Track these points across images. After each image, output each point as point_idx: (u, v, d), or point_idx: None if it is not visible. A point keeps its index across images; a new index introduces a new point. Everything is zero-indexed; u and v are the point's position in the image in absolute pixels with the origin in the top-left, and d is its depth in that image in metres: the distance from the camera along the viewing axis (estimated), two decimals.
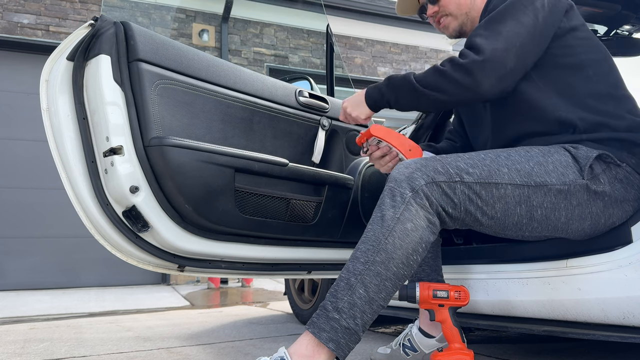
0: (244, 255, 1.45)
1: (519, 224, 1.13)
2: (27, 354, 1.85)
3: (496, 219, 1.11)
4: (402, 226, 1.04)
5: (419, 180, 1.07)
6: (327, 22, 2.19)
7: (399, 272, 1.05)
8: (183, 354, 1.81)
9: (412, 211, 1.05)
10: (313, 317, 1.05)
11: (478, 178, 1.09)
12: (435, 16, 1.42)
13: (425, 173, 1.07)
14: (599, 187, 1.13)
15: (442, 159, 1.12)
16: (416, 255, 1.06)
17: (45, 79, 1.25)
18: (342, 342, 1.01)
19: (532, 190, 1.10)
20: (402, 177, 1.08)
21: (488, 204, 1.09)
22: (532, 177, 1.11)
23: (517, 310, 1.36)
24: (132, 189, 1.21)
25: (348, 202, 1.67)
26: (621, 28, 1.97)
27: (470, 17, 1.39)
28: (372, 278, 1.03)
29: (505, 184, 1.09)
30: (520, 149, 1.18)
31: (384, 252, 1.04)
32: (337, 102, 1.75)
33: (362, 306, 1.02)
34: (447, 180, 1.07)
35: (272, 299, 3.96)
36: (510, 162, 1.12)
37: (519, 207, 1.10)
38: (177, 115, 1.29)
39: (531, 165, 1.12)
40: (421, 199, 1.06)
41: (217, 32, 5.98)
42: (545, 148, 1.18)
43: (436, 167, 1.09)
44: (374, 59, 6.95)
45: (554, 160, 1.14)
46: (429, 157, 1.14)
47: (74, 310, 3.46)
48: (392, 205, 1.07)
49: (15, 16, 5.18)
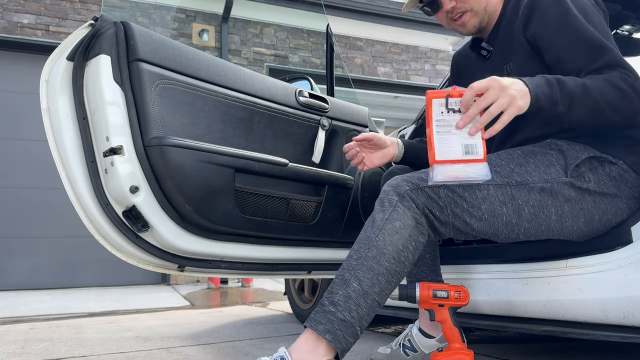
0: (244, 255, 1.45)
1: (509, 224, 1.13)
2: (27, 354, 1.85)
3: (485, 220, 1.12)
4: (391, 225, 1.09)
5: (403, 187, 1.12)
6: (327, 22, 2.19)
7: (391, 267, 1.07)
8: (183, 354, 1.81)
9: (399, 212, 1.10)
10: (312, 314, 1.07)
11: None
12: (453, 11, 1.32)
13: (410, 182, 1.13)
14: (583, 184, 1.14)
15: (425, 171, 1.16)
16: (407, 252, 1.09)
17: (45, 79, 1.25)
18: (339, 335, 1.03)
19: (515, 189, 1.12)
20: (389, 187, 1.14)
21: (473, 205, 1.11)
22: (513, 177, 1.13)
23: (517, 310, 1.36)
24: (132, 189, 1.21)
25: (348, 202, 1.67)
26: (621, 28, 1.97)
27: (488, 12, 1.33)
28: (365, 272, 1.06)
29: (487, 185, 1.11)
30: (502, 152, 1.20)
31: (375, 248, 1.08)
32: (337, 102, 1.75)
33: (357, 299, 1.04)
34: (431, 185, 1.10)
35: (272, 299, 3.96)
36: (490, 165, 1.13)
37: (504, 206, 1.11)
38: (177, 115, 1.29)
39: (511, 167, 1.15)
40: (407, 201, 1.10)
41: (217, 32, 5.98)
42: (528, 148, 1.20)
43: (420, 176, 1.14)
44: (374, 59, 6.95)
45: (535, 160, 1.16)
46: (414, 172, 1.18)
47: (74, 310, 3.46)
48: (381, 210, 1.12)
49: (15, 16, 5.18)
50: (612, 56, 1.14)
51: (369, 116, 1.88)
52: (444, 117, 1.01)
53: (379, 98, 7.34)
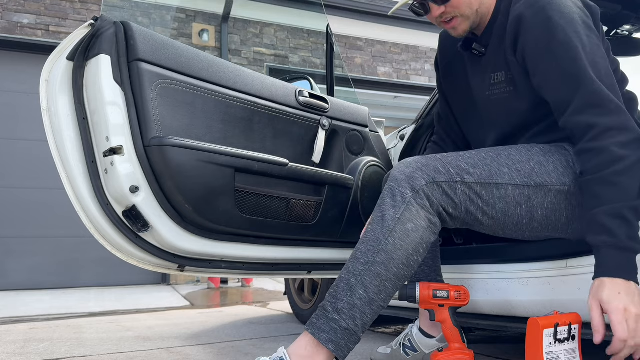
0: (244, 255, 1.45)
1: (520, 224, 1.12)
2: (27, 354, 1.85)
3: (497, 219, 1.11)
4: (402, 226, 1.03)
5: (419, 180, 1.05)
6: (327, 22, 2.19)
7: (399, 272, 1.04)
8: (183, 354, 1.81)
9: (412, 211, 1.04)
10: (312, 318, 1.04)
11: (479, 178, 1.08)
12: (442, 16, 1.24)
13: (426, 173, 1.06)
14: None
15: (443, 158, 1.10)
16: (417, 255, 1.06)
17: (45, 79, 1.25)
18: (342, 344, 1.01)
19: (533, 191, 1.10)
20: (403, 176, 1.07)
21: (489, 204, 1.09)
22: (533, 177, 1.10)
23: (517, 310, 1.36)
24: (132, 189, 1.21)
25: (348, 202, 1.67)
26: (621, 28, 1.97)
27: (480, 14, 1.26)
28: (373, 279, 1.02)
29: (505, 185, 1.09)
30: (522, 147, 1.17)
31: (384, 252, 1.03)
32: (337, 102, 1.75)
33: (362, 307, 1.01)
34: (448, 180, 1.06)
35: (272, 299, 3.96)
36: (511, 161, 1.11)
37: (519, 207, 1.10)
38: (177, 115, 1.29)
39: (532, 165, 1.11)
40: (422, 199, 1.04)
41: (217, 32, 5.98)
42: (546, 147, 1.17)
43: (437, 166, 1.07)
44: (374, 59, 6.95)
45: (554, 160, 1.13)
46: (429, 156, 1.12)
47: (74, 310, 3.45)
48: (392, 205, 1.05)
49: (15, 16, 5.18)
50: (587, 92, 1.04)
51: (369, 116, 1.88)
52: (552, 348, 0.97)
53: (379, 98, 7.33)
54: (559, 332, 0.97)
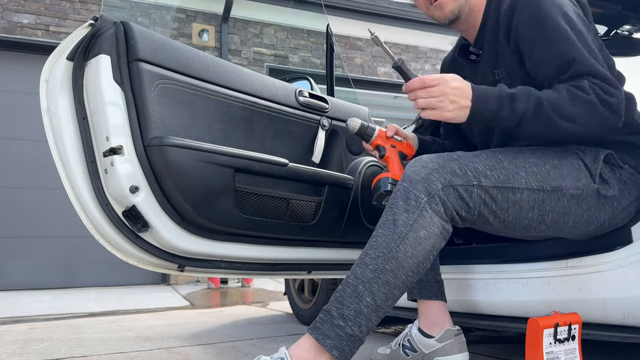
0: (244, 255, 1.45)
1: (529, 227, 1.12)
2: (27, 354, 1.85)
3: (507, 223, 1.10)
4: (415, 234, 1.00)
5: (435, 184, 1.02)
6: (327, 22, 2.19)
7: (407, 280, 1.02)
8: (183, 354, 1.81)
9: (426, 218, 1.01)
10: (317, 322, 1.03)
11: (496, 182, 1.07)
12: None
13: (443, 175, 1.03)
14: (608, 192, 1.12)
15: (460, 159, 1.08)
16: (426, 262, 1.04)
17: (45, 79, 1.25)
18: (347, 350, 1.00)
19: (547, 195, 1.09)
20: (419, 177, 1.03)
21: (502, 208, 1.07)
22: (548, 181, 1.09)
23: (517, 310, 1.36)
24: (132, 189, 1.20)
25: (348, 202, 1.67)
26: (621, 28, 1.97)
27: (469, 4, 1.25)
28: (381, 287, 1.00)
29: (522, 189, 1.07)
30: (536, 149, 1.16)
31: (394, 260, 1.00)
32: (337, 102, 1.75)
33: (369, 314, 1.00)
34: (465, 183, 1.04)
35: (272, 299, 3.96)
36: (527, 164, 1.10)
37: (531, 211, 1.09)
38: (177, 115, 1.29)
39: (547, 169, 1.10)
40: (437, 204, 1.02)
41: (217, 32, 5.98)
42: (559, 150, 1.16)
43: (454, 168, 1.05)
44: (374, 59, 6.95)
45: (568, 163, 1.13)
46: (445, 155, 1.09)
47: (74, 310, 3.46)
48: (405, 209, 1.02)
49: (15, 16, 5.18)
50: (581, 65, 1.08)
51: (369, 116, 1.88)
52: (552, 348, 0.98)
53: (379, 98, 7.34)
54: (559, 332, 0.98)
